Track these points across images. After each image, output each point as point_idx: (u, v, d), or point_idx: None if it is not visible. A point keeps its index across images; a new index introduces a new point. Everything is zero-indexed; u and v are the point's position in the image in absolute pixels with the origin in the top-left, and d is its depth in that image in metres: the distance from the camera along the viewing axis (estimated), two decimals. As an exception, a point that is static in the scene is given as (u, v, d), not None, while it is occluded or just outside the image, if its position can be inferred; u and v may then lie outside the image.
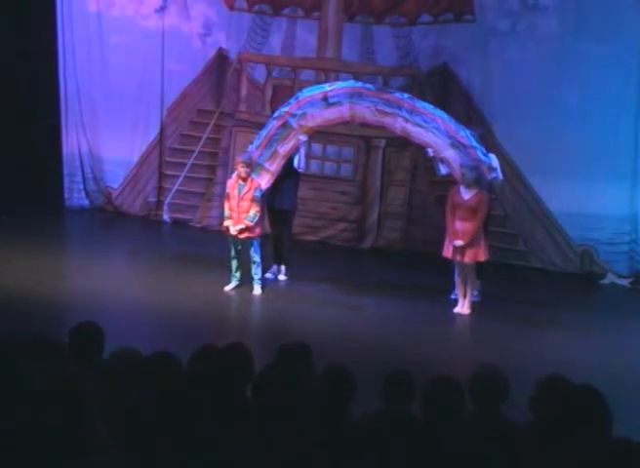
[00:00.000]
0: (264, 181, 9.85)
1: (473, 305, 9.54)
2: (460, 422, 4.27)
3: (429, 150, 9.71)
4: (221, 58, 12.54)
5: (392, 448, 3.89)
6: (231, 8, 12.39)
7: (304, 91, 10.25)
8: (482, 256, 9.38)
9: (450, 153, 9.56)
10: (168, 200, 12.87)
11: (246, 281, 9.77)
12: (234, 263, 9.76)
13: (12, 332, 5.00)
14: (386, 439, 3.86)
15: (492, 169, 9.54)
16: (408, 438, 3.92)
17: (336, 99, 9.86)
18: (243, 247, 9.69)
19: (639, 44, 10.79)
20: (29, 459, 3.13)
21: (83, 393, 3.50)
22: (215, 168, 12.66)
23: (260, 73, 12.36)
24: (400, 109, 9.66)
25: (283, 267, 10.44)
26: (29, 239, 11.28)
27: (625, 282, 11.03)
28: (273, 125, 10.00)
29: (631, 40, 10.79)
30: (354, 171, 12.21)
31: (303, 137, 9.94)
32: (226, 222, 9.68)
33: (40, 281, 9.69)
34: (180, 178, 12.79)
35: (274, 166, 9.96)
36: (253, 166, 9.70)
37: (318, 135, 10.82)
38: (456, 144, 9.53)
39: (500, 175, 9.79)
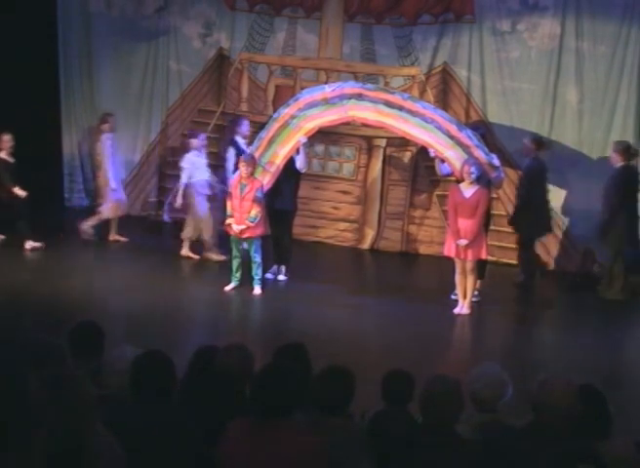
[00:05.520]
0: (265, 182, 9.86)
1: (473, 305, 9.54)
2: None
3: (431, 150, 9.72)
4: (222, 57, 12.54)
5: (391, 448, 3.89)
6: (232, 8, 12.39)
7: (304, 92, 10.26)
8: (484, 254, 9.41)
9: (451, 153, 9.57)
10: (168, 200, 12.85)
11: (246, 281, 9.77)
12: (235, 263, 9.76)
13: (12, 332, 5.01)
14: (386, 438, 3.86)
15: (494, 168, 9.54)
16: (407, 437, 3.92)
17: (336, 100, 9.86)
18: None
19: (638, 44, 10.80)
20: (29, 460, 3.13)
21: (83, 393, 3.50)
22: (215, 168, 12.64)
23: (262, 73, 12.36)
24: (400, 110, 9.67)
25: (283, 267, 10.43)
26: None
27: (625, 282, 11.00)
28: (273, 126, 10.00)
29: (630, 40, 10.80)
30: (356, 170, 12.20)
31: (303, 139, 9.94)
32: (229, 221, 9.69)
33: (40, 281, 9.69)
34: (181, 178, 12.76)
35: (274, 167, 9.97)
36: (255, 165, 9.70)
37: (320, 134, 10.82)
38: (457, 144, 9.54)
39: (502, 175, 9.82)
